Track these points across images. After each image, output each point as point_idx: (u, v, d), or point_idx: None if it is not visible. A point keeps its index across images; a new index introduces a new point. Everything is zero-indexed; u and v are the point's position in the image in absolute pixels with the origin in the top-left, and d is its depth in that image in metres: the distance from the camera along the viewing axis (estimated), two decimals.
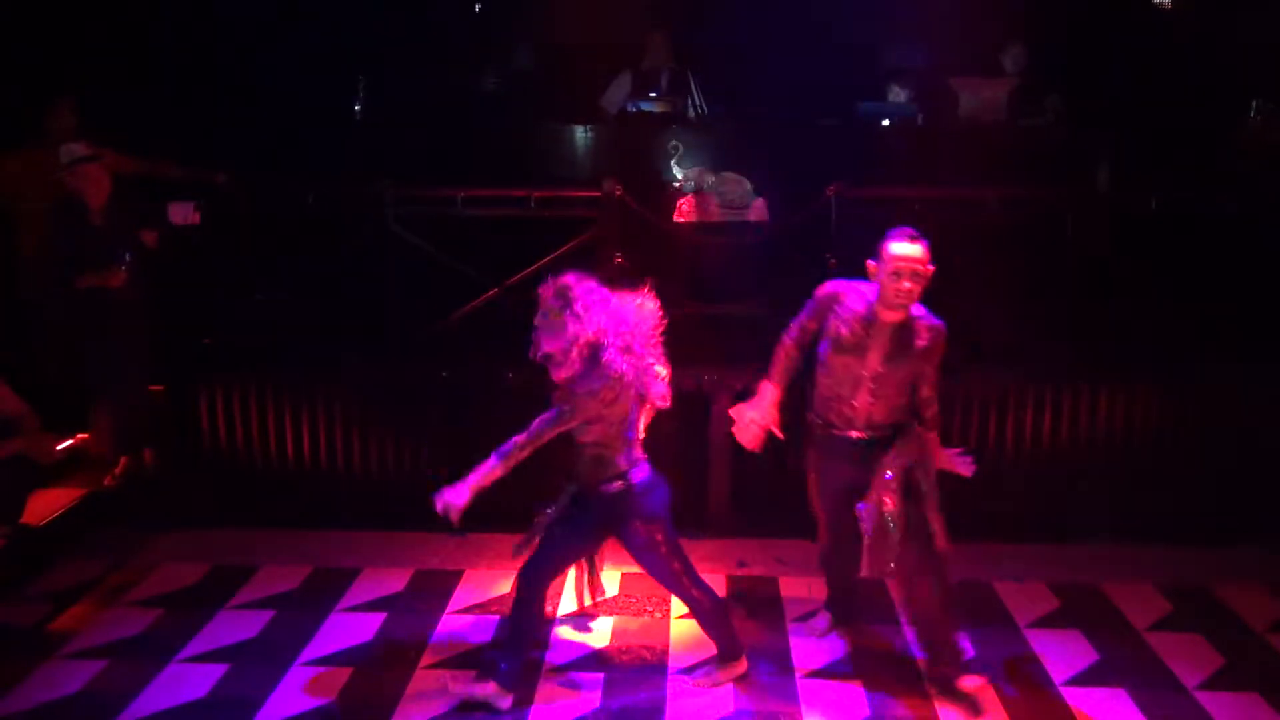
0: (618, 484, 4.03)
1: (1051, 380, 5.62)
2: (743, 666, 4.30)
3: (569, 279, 3.91)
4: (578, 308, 3.85)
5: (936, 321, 4.08)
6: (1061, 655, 4.52)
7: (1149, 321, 5.82)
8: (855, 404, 4.10)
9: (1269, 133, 7.54)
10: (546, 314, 3.89)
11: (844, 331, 4.06)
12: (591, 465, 4.07)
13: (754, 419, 4.25)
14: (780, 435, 4.25)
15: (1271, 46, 7.98)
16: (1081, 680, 4.34)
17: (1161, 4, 8.19)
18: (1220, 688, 4.27)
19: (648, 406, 4.15)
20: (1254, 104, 7.47)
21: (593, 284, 3.94)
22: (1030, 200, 5.81)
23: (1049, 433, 5.66)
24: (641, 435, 4.15)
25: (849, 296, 4.11)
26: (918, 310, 4.05)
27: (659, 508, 4.08)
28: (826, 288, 4.20)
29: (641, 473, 4.07)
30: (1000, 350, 5.74)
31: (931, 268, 3.95)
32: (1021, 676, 4.36)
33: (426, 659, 4.48)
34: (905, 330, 4.03)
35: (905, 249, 3.92)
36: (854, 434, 4.14)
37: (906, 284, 3.90)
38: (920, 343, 4.04)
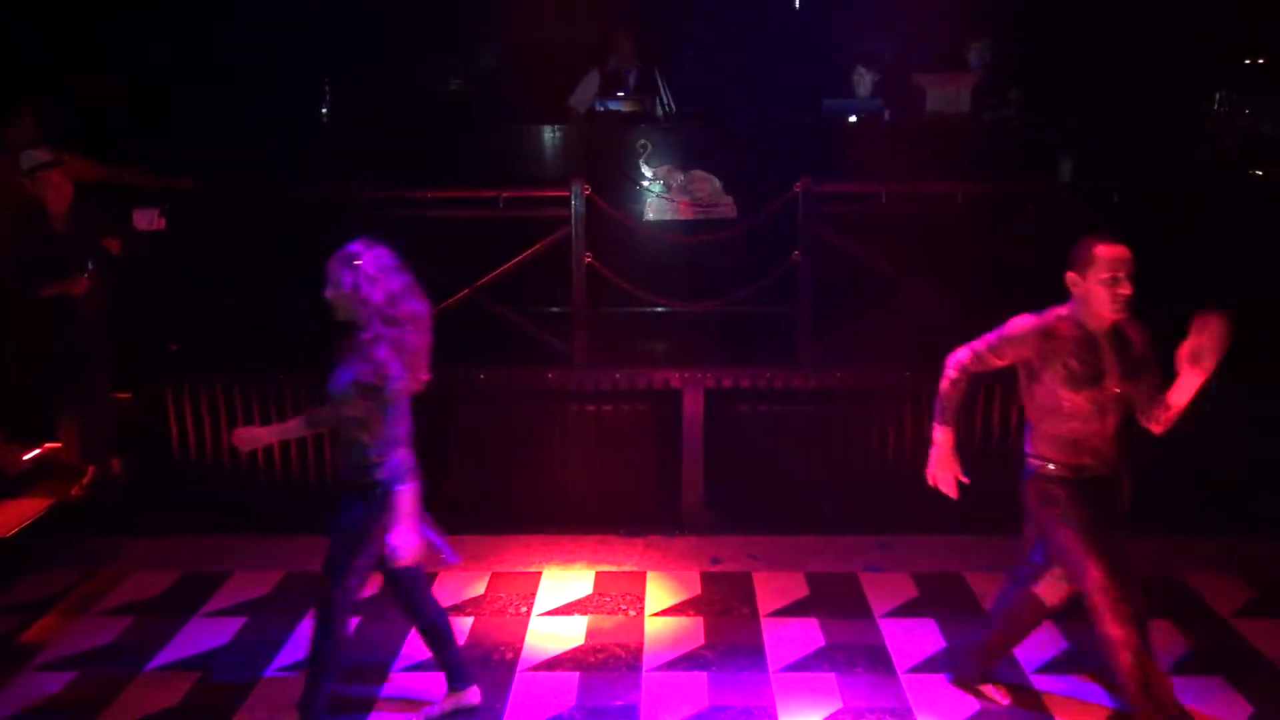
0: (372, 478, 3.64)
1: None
2: (475, 697, 4.07)
3: (356, 246, 3.67)
4: (370, 272, 3.62)
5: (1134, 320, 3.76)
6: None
7: None
8: (1107, 434, 3.75)
9: (1233, 122, 7.67)
10: (336, 286, 3.64)
11: (1075, 364, 3.67)
12: (347, 451, 3.72)
13: (944, 470, 4.00)
14: (966, 480, 4.01)
15: (1233, 37, 8.12)
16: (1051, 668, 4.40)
17: None
18: (1187, 672, 4.34)
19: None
20: (1217, 95, 7.58)
21: (383, 251, 3.70)
22: (994, 194, 5.86)
23: (1016, 426, 5.72)
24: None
25: (1060, 326, 3.73)
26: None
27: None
28: (1027, 322, 3.77)
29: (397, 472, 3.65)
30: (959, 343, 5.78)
31: None
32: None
33: (400, 662, 4.48)
34: (1121, 339, 3.73)
35: (1116, 250, 3.62)
36: (1107, 471, 3.78)
37: (1124, 287, 3.60)
38: (1140, 346, 3.74)
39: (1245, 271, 5.74)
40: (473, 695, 4.07)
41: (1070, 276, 3.69)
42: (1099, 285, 3.62)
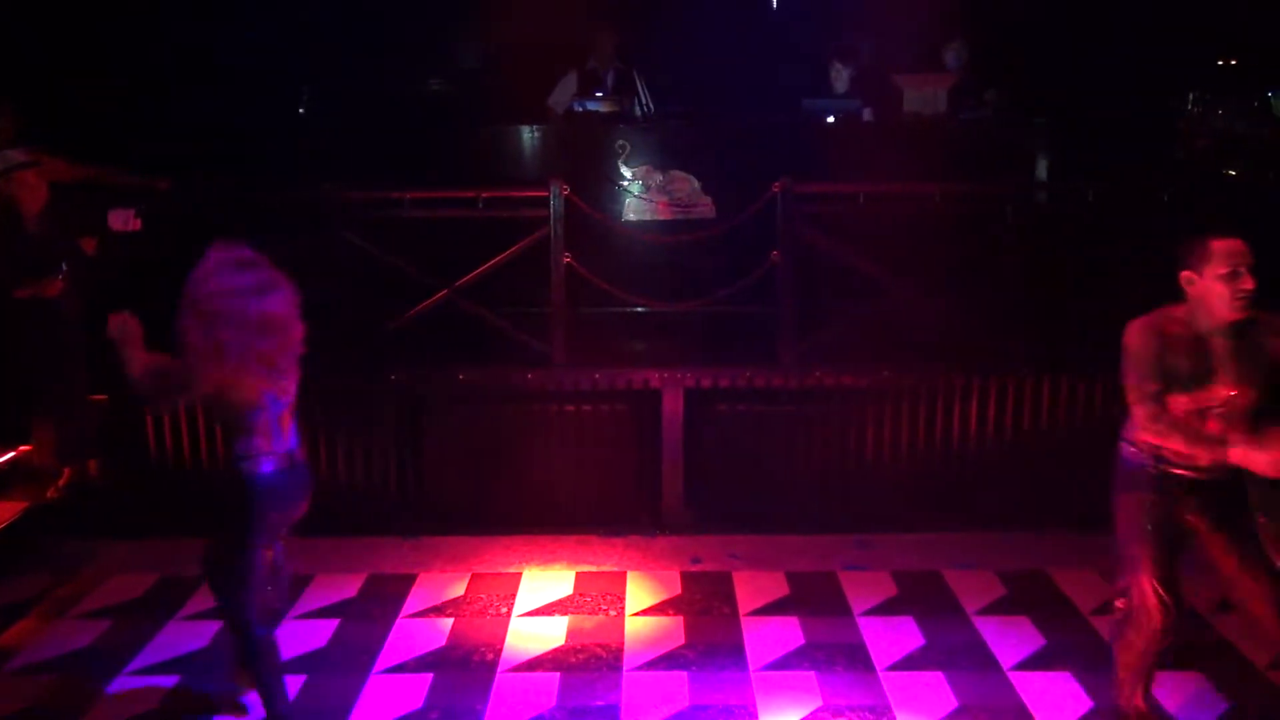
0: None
1: (995, 375, 5.74)
2: None
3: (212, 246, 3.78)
4: (206, 268, 3.73)
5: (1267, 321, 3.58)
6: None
7: (1080, 310, 5.95)
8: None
9: (1206, 123, 7.76)
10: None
11: (1183, 364, 3.54)
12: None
13: None
14: None
15: (1206, 41, 8.21)
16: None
17: None
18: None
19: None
20: (1191, 96, 7.67)
21: (234, 250, 3.77)
22: (971, 193, 5.91)
23: (994, 425, 5.77)
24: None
25: (1169, 325, 3.58)
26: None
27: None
28: (1139, 327, 3.60)
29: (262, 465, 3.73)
30: (942, 342, 5.85)
31: None
32: (970, 664, 4.46)
33: (380, 663, 4.47)
34: (1243, 340, 3.54)
35: (1233, 243, 3.47)
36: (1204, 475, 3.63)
37: (1246, 281, 3.44)
38: (1269, 350, 3.54)
39: None
40: None
41: (1185, 275, 3.53)
42: (1217, 281, 3.46)
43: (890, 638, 4.65)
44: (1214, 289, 3.47)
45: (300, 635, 4.72)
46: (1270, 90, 7.88)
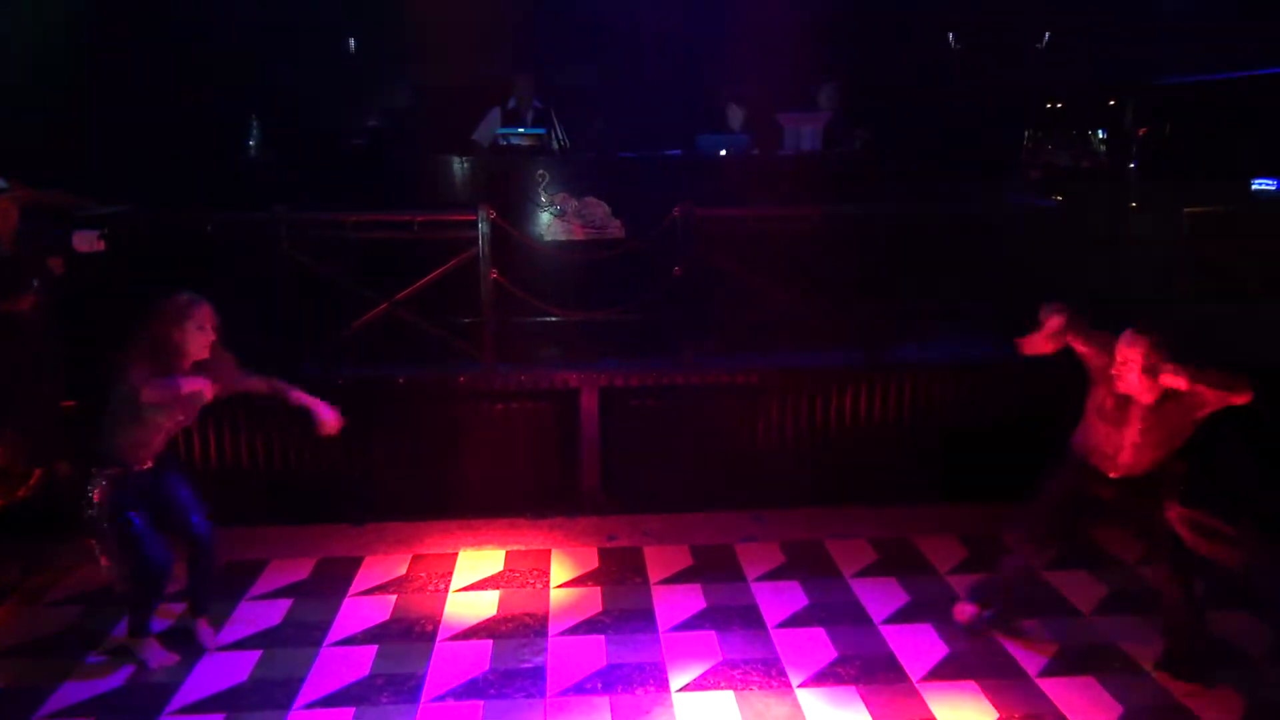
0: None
1: (864, 368, 5.87)
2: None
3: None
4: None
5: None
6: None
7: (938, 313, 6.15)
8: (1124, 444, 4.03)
9: (1038, 155, 8.06)
10: None
11: (1110, 401, 4.00)
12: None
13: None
14: None
15: (1037, 87, 8.53)
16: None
17: (953, 47, 8.64)
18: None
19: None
20: (1025, 133, 7.95)
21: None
22: (838, 216, 6.02)
23: (865, 411, 5.90)
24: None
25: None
26: None
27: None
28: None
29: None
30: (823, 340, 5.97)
31: None
32: (847, 620, 4.54)
33: (331, 637, 4.40)
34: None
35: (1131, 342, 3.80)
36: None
37: (1122, 384, 3.87)
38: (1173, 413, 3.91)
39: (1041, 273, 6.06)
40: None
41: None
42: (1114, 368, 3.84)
43: (779, 600, 4.73)
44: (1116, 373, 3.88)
45: (257, 614, 4.62)
46: (1091, 129, 8.22)
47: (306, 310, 5.76)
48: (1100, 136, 7.89)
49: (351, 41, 8.38)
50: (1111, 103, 8.08)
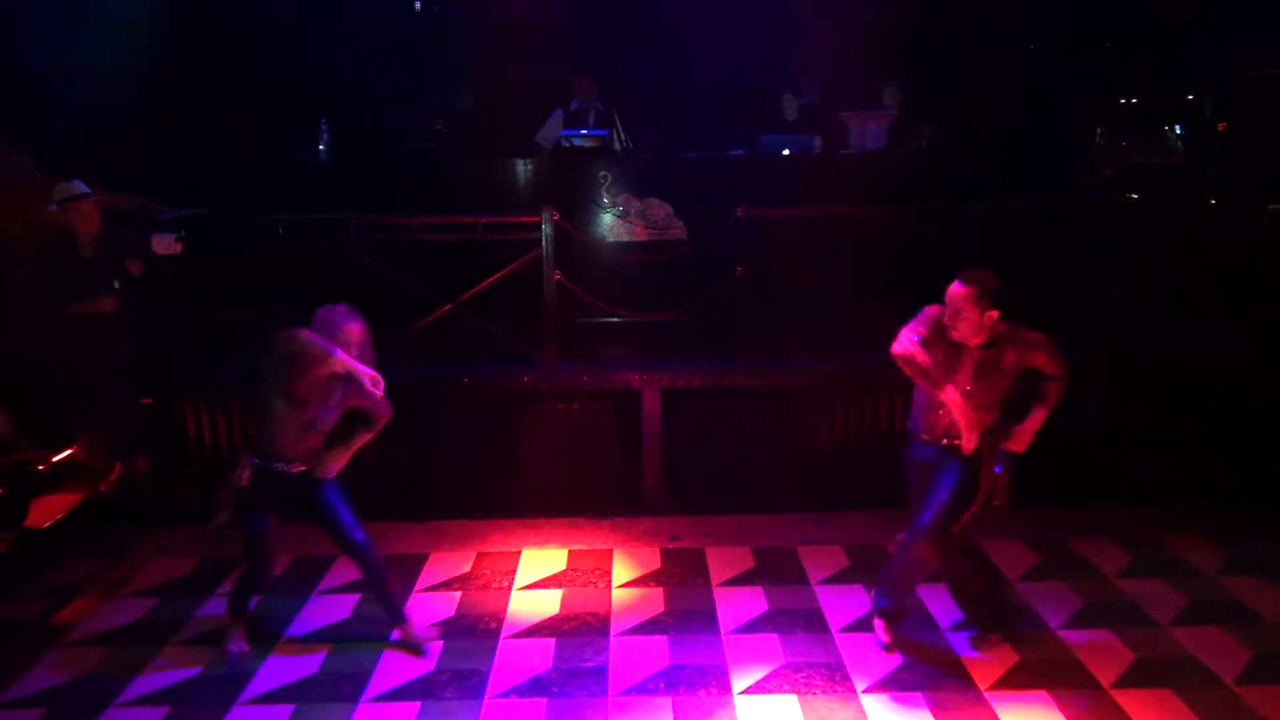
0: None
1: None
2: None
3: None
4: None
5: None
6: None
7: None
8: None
9: (1111, 152, 7.85)
10: None
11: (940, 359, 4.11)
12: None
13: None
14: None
15: (1112, 82, 8.31)
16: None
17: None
18: (1078, 626, 4.44)
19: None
20: (1098, 131, 7.75)
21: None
22: (905, 215, 5.94)
23: None
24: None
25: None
26: None
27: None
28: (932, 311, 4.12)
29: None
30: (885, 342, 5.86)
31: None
32: (913, 625, 4.48)
33: (398, 632, 4.47)
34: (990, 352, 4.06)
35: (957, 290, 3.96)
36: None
37: (957, 332, 3.99)
38: (1005, 361, 4.04)
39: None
40: None
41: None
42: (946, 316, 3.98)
43: (843, 603, 4.68)
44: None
45: (326, 609, 4.71)
46: (1167, 124, 7.98)
47: (372, 310, 5.86)
48: (1177, 132, 7.65)
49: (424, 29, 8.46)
50: (1190, 97, 7.84)
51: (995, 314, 3.90)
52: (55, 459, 5.21)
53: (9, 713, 3.91)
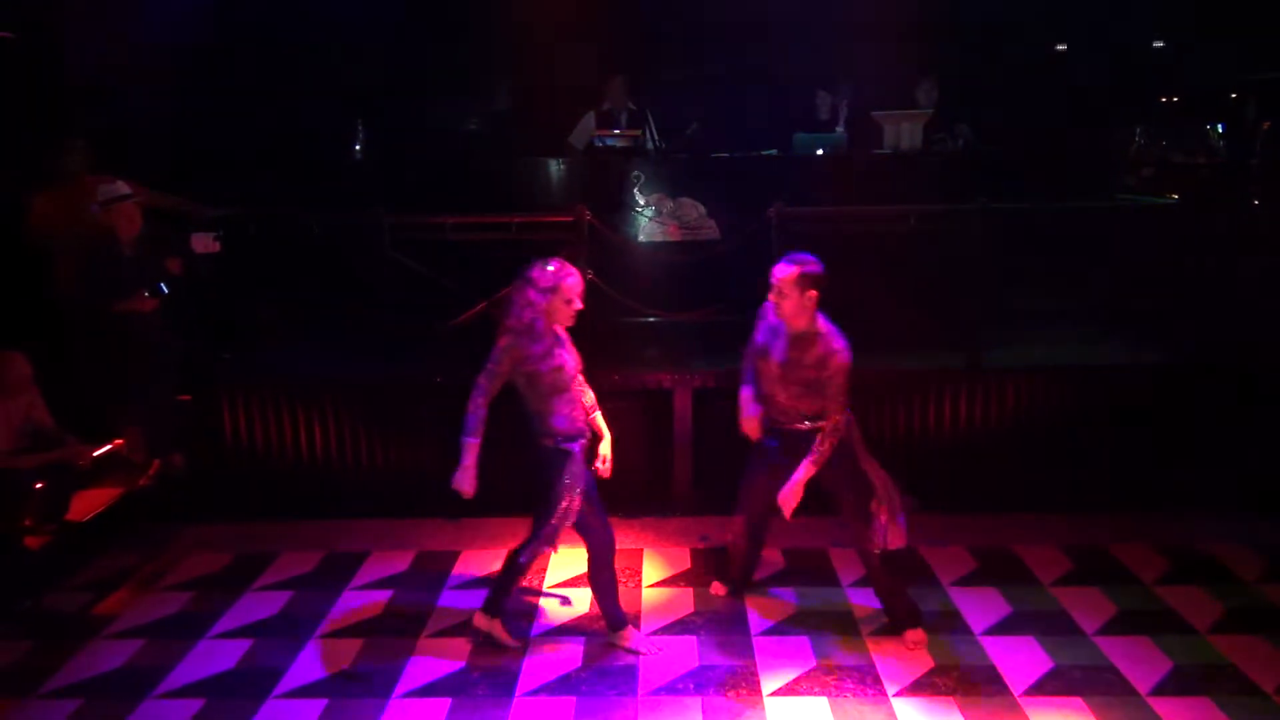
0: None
1: (963, 372, 5.73)
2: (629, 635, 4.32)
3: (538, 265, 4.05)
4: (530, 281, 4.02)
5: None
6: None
7: (1042, 318, 5.95)
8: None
9: (1152, 152, 7.73)
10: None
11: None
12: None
13: None
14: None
15: (1150, 80, 8.20)
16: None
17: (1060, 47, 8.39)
18: (1114, 633, 4.38)
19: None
20: (1137, 130, 7.64)
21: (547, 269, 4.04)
22: (939, 215, 5.89)
23: (965, 417, 5.76)
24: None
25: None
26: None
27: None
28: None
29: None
30: (917, 345, 5.84)
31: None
32: (946, 628, 4.44)
33: (429, 628, 4.51)
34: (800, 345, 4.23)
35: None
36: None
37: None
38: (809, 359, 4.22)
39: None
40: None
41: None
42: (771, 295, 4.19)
43: (874, 606, 4.63)
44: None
45: (358, 604, 4.76)
46: (1209, 123, 7.85)
47: (405, 309, 5.91)
48: (1219, 131, 7.52)
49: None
50: (1233, 96, 7.70)
51: (815, 294, 4.07)
52: (97, 454, 5.30)
53: (50, 702, 3.99)
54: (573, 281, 4.05)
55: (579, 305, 4.08)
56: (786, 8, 8.21)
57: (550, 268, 4.03)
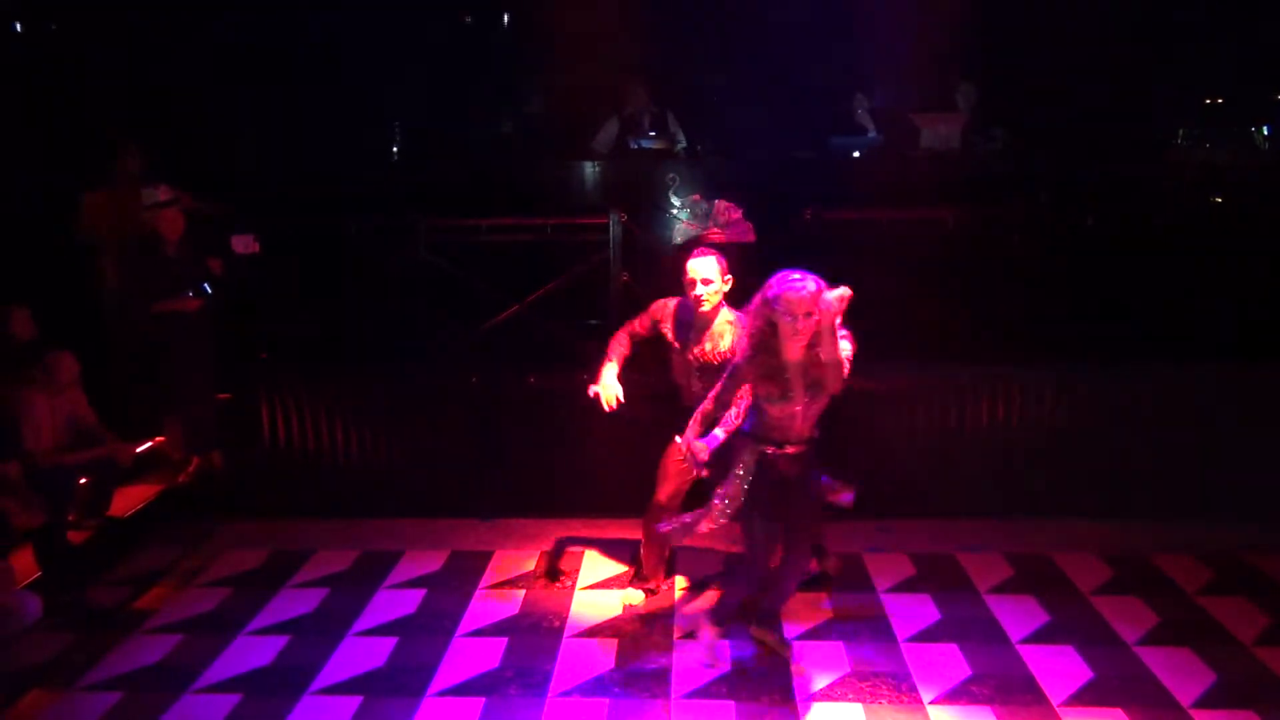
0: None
1: (1003, 376, 5.65)
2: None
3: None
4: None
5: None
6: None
7: (1083, 322, 5.85)
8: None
9: (1194, 154, 7.60)
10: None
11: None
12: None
13: None
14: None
15: (1192, 86, 8.05)
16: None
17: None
18: (1155, 643, 4.30)
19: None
20: (1180, 131, 7.52)
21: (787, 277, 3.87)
22: (977, 217, 5.83)
23: (1002, 421, 5.67)
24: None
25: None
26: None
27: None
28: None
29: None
30: (955, 348, 5.76)
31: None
32: (982, 635, 4.37)
33: (462, 628, 4.51)
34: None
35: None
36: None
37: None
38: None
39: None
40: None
41: None
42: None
43: (910, 612, 4.59)
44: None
45: (393, 603, 4.77)
46: (1253, 126, 7.71)
47: (440, 309, 5.94)
48: (1264, 133, 7.37)
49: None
50: (1278, 97, 7.55)
51: (730, 280, 4.28)
52: (138, 451, 5.38)
53: (89, 695, 4.03)
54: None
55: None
56: (825, 8, 8.15)
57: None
